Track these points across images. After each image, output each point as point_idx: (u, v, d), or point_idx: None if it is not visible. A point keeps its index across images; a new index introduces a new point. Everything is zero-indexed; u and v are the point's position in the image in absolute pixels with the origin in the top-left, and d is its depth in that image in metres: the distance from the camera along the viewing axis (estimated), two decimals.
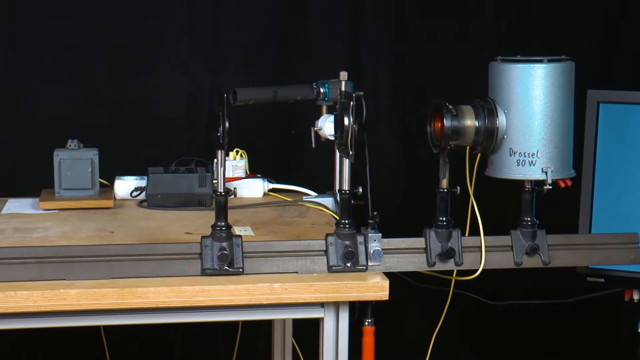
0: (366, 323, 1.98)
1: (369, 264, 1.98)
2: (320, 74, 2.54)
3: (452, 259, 2.03)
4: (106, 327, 2.70)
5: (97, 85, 3.04)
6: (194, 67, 3.13)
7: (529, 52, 2.07)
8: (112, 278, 1.91)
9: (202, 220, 2.30)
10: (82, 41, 3.03)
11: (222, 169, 1.97)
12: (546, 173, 2.01)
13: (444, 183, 2.05)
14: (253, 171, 2.67)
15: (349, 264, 1.96)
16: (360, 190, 2.03)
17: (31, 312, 1.85)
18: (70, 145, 2.48)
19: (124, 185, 2.58)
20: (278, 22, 3.16)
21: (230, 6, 3.12)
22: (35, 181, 2.56)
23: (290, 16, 3.16)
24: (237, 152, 2.63)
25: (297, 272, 1.97)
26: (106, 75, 3.05)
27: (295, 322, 2.70)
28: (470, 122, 2.04)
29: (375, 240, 1.98)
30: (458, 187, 2.05)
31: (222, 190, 1.96)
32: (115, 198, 2.53)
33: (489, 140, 2.04)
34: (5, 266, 1.90)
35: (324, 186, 2.59)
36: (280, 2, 3.16)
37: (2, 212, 2.42)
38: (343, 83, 2.15)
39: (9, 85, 3.00)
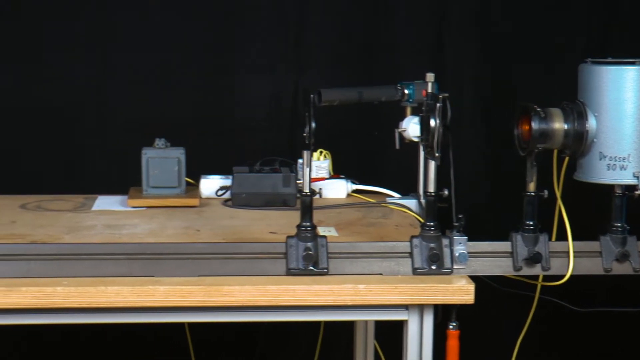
0: (451, 326, 1.97)
1: (454, 267, 1.97)
2: (402, 75, 2.54)
3: (539, 264, 2.01)
4: (190, 324, 2.74)
5: (183, 85, 3.08)
6: (277, 68, 3.15)
7: (618, 53, 2.03)
8: (199, 276, 1.94)
9: (286, 220, 2.32)
10: (168, 41, 3.08)
11: (307, 169, 1.98)
12: (638, 178, 1.97)
13: (531, 186, 2.03)
14: (336, 172, 2.68)
15: (434, 267, 1.95)
16: (446, 192, 2.02)
17: (121, 308, 1.89)
18: (157, 144, 2.52)
19: (209, 184, 2.61)
20: (361, 23, 3.16)
21: (315, 6, 3.13)
22: (123, 179, 2.61)
23: (373, 16, 3.16)
24: (321, 152, 2.64)
25: (381, 274, 1.96)
26: (192, 75, 3.09)
27: (378, 323, 2.70)
28: (559, 125, 2.01)
29: (460, 243, 1.97)
30: (546, 191, 2.02)
31: (307, 191, 1.97)
32: (200, 197, 2.56)
33: (578, 144, 2.01)
34: (96, 262, 1.94)
35: (408, 188, 2.58)
36: (364, 3, 3.16)
37: (92, 208, 2.47)
38: (429, 84, 2.14)
39: (98, 85, 3.06)
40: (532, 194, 2.02)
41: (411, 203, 2.47)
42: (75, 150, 3.04)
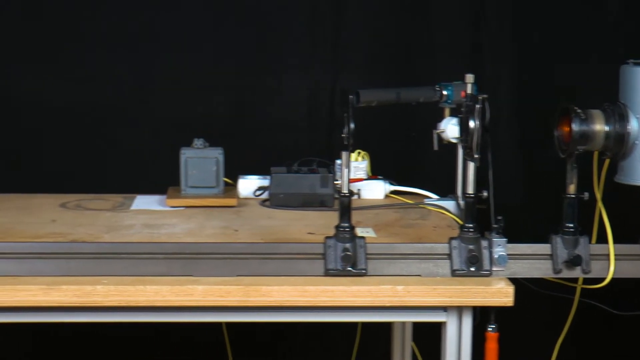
0: (490, 329, 1.96)
1: (493, 269, 1.95)
2: (438, 75, 2.52)
3: (579, 267, 1.99)
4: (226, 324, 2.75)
5: (222, 85, 3.09)
6: (314, 68, 3.15)
7: None
8: (237, 276, 1.95)
9: (323, 221, 2.32)
10: (206, 41, 3.09)
11: (346, 170, 1.98)
12: None
13: (572, 189, 2.01)
14: (374, 173, 2.67)
15: (472, 269, 1.94)
16: (485, 194, 2.01)
17: (159, 307, 1.90)
18: (196, 144, 2.53)
19: (247, 185, 2.62)
20: (398, 23, 3.15)
21: (352, 6, 3.13)
22: (162, 178, 2.62)
23: (410, 16, 3.15)
24: (359, 153, 2.64)
25: (420, 275, 1.96)
26: (231, 75, 3.10)
27: (415, 325, 2.69)
28: (600, 126, 1.99)
29: (500, 245, 1.96)
30: (586, 193, 2.00)
31: (346, 191, 1.97)
32: (238, 197, 2.57)
33: (619, 146, 1.99)
34: (135, 261, 1.96)
35: (445, 189, 2.57)
36: (400, 2, 3.15)
37: (131, 208, 2.49)
38: (469, 85, 2.13)
39: (136, 85, 3.08)
40: (573, 196, 2.00)
41: (449, 204, 2.46)
42: (114, 150, 3.06)
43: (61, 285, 1.87)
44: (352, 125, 1.95)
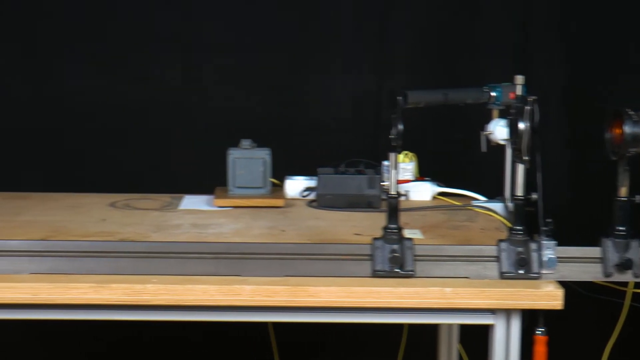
0: (538, 332, 1.94)
1: (542, 271, 1.94)
2: (484, 77, 2.51)
3: (630, 271, 1.96)
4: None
5: (270, 85, 3.10)
6: (361, 68, 3.14)
7: None
8: (285, 276, 1.95)
9: (370, 222, 2.32)
10: (254, 42, 3.10)
11: (394, 171, 1.97)
12: None
13: (623, 191, 1.98)
14: (421, 174, 2.66)
15: (521, 271, 1.93)
16: (535, 196, 1.99)
17: (207, 306, 1.91)
18: (243, 145, 2.55)
19: (294, 185, 2.63)
20: (445, 23, 3.14)
21: (398, 7, 3.12)
22: (209, 179, 2.64)
23: (457, 18, 3.13)
24: (406, 154, 2.63)
25: (468, 277, 1.95)
26: (277, 76, 3.11)
27: (462, 326, 2.68)
28: None
29: (549, 248, 1.94)
30: (638, 196, 1.98)
31: (394, 193, 1.96)
32: (285, 197, 2.58)
33: None
34: (183, 260, 1.97)
35: (492, 191, 2.56)
36: (448, 4, 3.13)
37: (179, 207, 2.51)
38: (518, 87, 2.12)
39: (185, 86, 3.10)
40: (624, 199, 1.98)
41: (497, 206, 2.44)
42: (162, 150, 3.08)
43: (112, 284, 1.89)
44: (400, 127, 1.95)
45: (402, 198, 2.51)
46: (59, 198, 2.60)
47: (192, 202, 2.56)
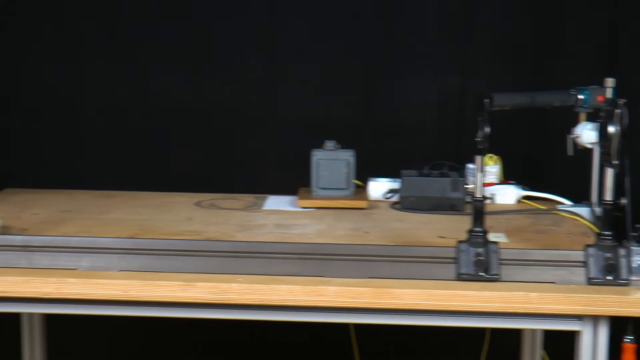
0: (627, 340, 1.91)
1: (631, 278, 1.90)
2: (571, 78, 2.47)
3: None
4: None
5: (354, 87, 3.10)
6: (444, 70, 3.12)
7: None
8: (368, 277, 1.95)
9: (453, 225, 2.31)
10: (337, 43, 3.11)
11: (480, 174, 1.96)
12: None
13: None
14: (505, 177, 2.64)
15: (609, 277, 1.90)
16: (624, 201, 1.95)
17: (291, 306, 1.93)
18: (327, 146, 2.56)
19: (377, 187, 2.63)
20: (530, 26, 3.09)
21: (483, 8, 3.09)
22: (293, 179, 2.66)
23: (541, 19, 3.09)
24: (491, 157, 2.61)
25: (554, 283, 1.92)
26: (360, 77, 3.12)
27: (546, 332, 2.64)
28: None
29: (638, 254, 1.90)
30: None
31: (480, 196, 1.95)
32: (368, 199, 2.58)
33: None
34: (268, 260, 1.99)
35: (579, 195, 2.52)
36: (533, 5, 3.09)
37: (263, 208, 2.53)
38: (609, 90, 2.08)
39: (269, 86, 3.12)
40: None
41: (584, 211, 2.40)
42: (246, 150, 3.11)
43: (198, 282, 1.92)
44: (487, 129, 1.94)
45: (488, 201, 2.50)
46: (146, 197, 2.65)
47: (275, 203, 2.58)
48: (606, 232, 1.92)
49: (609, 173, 1.94)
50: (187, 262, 1.99)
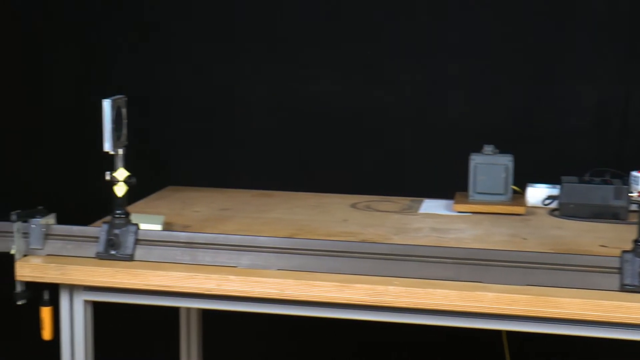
0: None
1: None
2: None
3: None
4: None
5: (511, 92, 3.06)
6: (604, 76, 3.03)
7: None
8: (527, 285, 1.92)
9: (616, 234, 2.24)
10: (497, 48, 3.06)
11: None
12: None
13: None
14: None
15: None
16: None
17: (447, 311, 1.91)
18: (486, 151, 2.53)
19: (536, 193, 2.58)
20: None
21: None
22: (449, 183, 2.64)
23: None
24: None
25: None
26: (520, 82, 3.06)
27: None
28: None
29: None
30: None
31: None
32: (526, 205, 2.53)
33: None
34: (424, 264, 1.98)
35: None
36: None
37: (419, 211, 2.52)
38: None
39: (424, 89, 3.10)
40: None
41: None
42: (402, 153, 3.11)
43: (354, 284, 1.93)
44: None
45: None
46: (303, 197, 2.69)
47: (431, 206, 2.57)
48: None
49: None
50: (342, 263, 2.00)
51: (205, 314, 2.89)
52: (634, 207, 2.41)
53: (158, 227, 2.16)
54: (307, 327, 2.96)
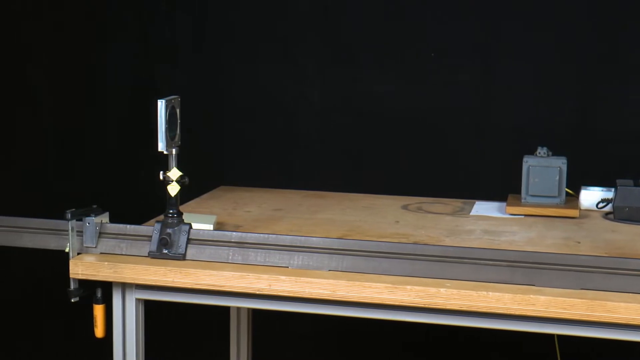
0: None
1: None
2: None
3: None
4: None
5: (567, 94, 3.03)
6: None
7: None
8: (581, 289, 1.89)
9: None
10: (551, 49, 3.04)
11: None
12: None
13: None
14: None
15: None
16: None
17: (500, 314, 1.89)
18: (539, 153, 2.50)
19: (590, 196, 2.54)
20: None
21: None
22: (501, 185, 2.62)
23: None
24: None
25: None
26: (574, 84, 3.03)
27: None
28: None
29: None
30: None
31: None
32: (580, 208, 2.50)
33: None
34: (477, 266, 1.96)
35: None
36: None
37: (471, 213, 2.50)
38: None
39: (481, 91, 3.09)
40: None
41: None
42: (454, 154, 3.09)
43: (406, 285, 1.92)
44: None
45: None
46: (355, 198, 2.68)
47: (483, 208, 2.55)
48: None
49: None
50: (394, 265, 1.99)
51: (255, 313, 2.90)
52: None
53: (210, 227, 2.17)
54: (355, 329, 2.96)
